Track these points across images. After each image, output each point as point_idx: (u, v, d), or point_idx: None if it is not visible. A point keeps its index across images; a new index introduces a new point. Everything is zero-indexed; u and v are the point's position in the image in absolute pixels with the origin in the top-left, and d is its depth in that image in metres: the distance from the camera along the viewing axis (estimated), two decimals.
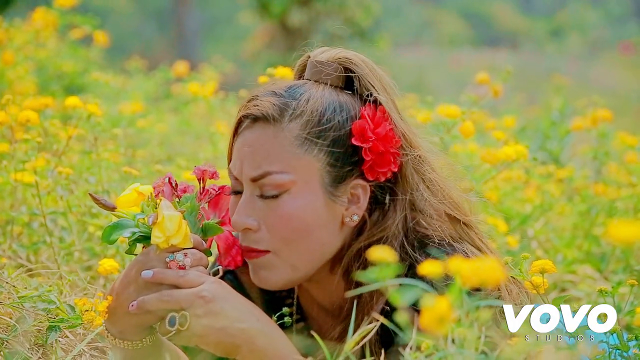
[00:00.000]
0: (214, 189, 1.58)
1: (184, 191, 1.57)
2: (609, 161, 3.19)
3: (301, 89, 1.57)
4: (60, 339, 1.67)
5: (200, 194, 1.57)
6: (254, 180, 1.53)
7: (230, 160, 1.60)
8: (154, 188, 1.55)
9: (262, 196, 1.53)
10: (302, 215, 1.52)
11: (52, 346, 1.64)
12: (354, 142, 1.54)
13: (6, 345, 1.61)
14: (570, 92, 4.88)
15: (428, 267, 1.11)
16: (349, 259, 1.57)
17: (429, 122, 2.52)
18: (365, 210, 1.57)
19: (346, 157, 1.54)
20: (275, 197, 1.52)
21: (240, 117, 1.57)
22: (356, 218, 1.56)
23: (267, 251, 1.54)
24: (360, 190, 1.56)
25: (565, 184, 3.12)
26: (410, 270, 1.52)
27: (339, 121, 1.54)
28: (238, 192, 1.57)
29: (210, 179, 1.58)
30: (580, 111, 3.58)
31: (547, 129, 3.72)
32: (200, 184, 1.58)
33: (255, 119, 1.54)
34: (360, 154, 1.54)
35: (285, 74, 2.12)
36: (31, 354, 1.62)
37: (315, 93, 1.56)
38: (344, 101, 1.56)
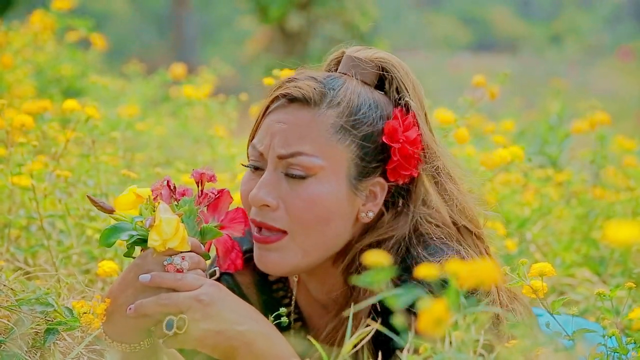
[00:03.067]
0: (213, 193, 1.58)
1: (183, 194, 1.57)
2: (607, 165, 3.19)
3: (339, 81, 1.58)
4: (58, 342, 1.67)
5: (199, 197, 1.57)
6: (282, 157, 1.53)
7: (253, 137, 1.60)
8: (152, 191, 1.55)
9: (288, 175, 1.54)
10: (325, 201, 1.53)
11: (50, 349, 1.63)
12: (384, 140, 1.56)
13: (4, 347, 1.60)
14: (569, 97, 4.89)
15: (424, 270, 1.11)
16: (354, 254, 1.58)
17: None
18: (379, 209, 1.58)
19: (375, 153, 1.56)
20: (301, 178, 1.53)
21: (277, 95, 1.57)
22: (371, 215, 1.58)
23: (282, 230, 1.54)
24: (378, 188, 1.58)
25: (563, 187, 3.11)
26: (410, 275, 1.52)
27: (373, 117, 1.56)
28: (257, 168, 1.58)
29: (208, 182, 1.58)
30: (579, 115, 3.58)
31: (545, 133, 3.72)
32: (198, 187, 1.58)
33: (293, 100, 1.56)
34: (387, 153, 1.57)
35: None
36: (29, 356, 1.61)
37: (353, 87, 1.58)
38: (378, 100, 1.59)
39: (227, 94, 3.45)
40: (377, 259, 1.10)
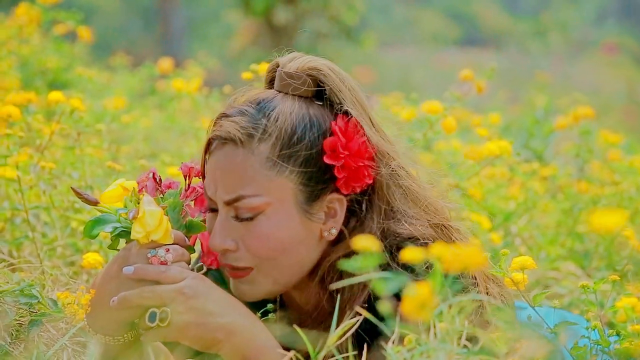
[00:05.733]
0: (200, 187, 1.58)
1: (168, 187, 1.57)
2: (592, 159, 3.21)
3: (271, 104, 1.54)
4: (42, 334, 1.66)
5: (186, 190, 1.57)
6: (228, 203, 1.52)
7: (204, 177, 1.58)
8: (137, 183, 1.55)
9: (238, 218, 1.53)
10: (278, 235, 1.52)
11: (34, 340, 1.63)
12: (325, 160, 1.52)
13: None
14: (554, 92, 4.91)
15: (409, 255, 1.11)
16: (324, 270, 1.57)
17: (414, 119, 2.53)
18: (342, 222, 1.57)
19: (319, 174, 1.53)
20: (250, 219, 1.52)
21: (210, 138, 1.55)
22: (334, 232, 1.56)
23: (250, 267, 1.54)
24: (336, 204, 1.55)
25: (548, 181, 3.13)
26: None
27: (309, 139, 1.52)
28: (214, 210, 1.57)
29: (196, 177, 1.58)
30: (564, 109, 3.59)
31: (531, 127, 3.73)
32: (186, 180, 1.58)
33: (225, 141, 1.53)
34: (333, 171, 1.53)
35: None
36: (12, 348, 1.61)
37: (285, 109, 1.53)
38: (314, 115, 1.54)
39: (215, 88, 3.44)
40: (366, 245, 1.10)
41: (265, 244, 1.52)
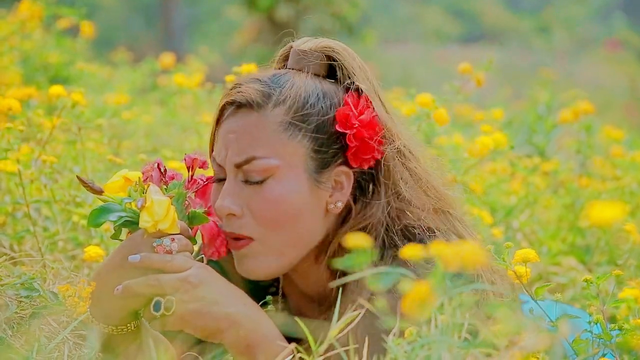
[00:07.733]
0: (202, 179, 1.58)
1: (172, 178, 1.57)
2: (593, 155, 3.21)
3: (285, 77, 1.57)
4: (43, 326, 1.66)
5: (188, 182, 1.57)
6: (239, 165, 1.53)
7: (212, 148, 1.60)
8: (142, 173, 1.54)
9: (247, 182, 1.54)
10: (287, 199, 1.53)
11: (35, 333, 1.63)
12: (338, 128, 1.55)
13: None
14: (557, 88, 4.91)
15: (409, 252, 1.11)
16: (334, 248, 1.57)
17: (413, 114, 2.52)
18: (349, 197, 1.57)
19: (330, 143, 1.55)
20: (259, 182, 1.53)
21: (224, 104, 1.57)
22: (340, 205, 1.57)
23: (250, 238, 1.54)
24: (343, 177, 1.57)
25: (550, 176, 3.13)
26: (393, 259, 1.53)
27: (322, 107, 1.55)
28: (221, 180, 1.57)
29: (200, 168, 1.59)
30: (566, 105, 3.59)
31: (533, 123, 3.73)
32: (189, 172, 1.58)
33: (239, 106, 1.55)
34: (344, 141, 1.55)
35: (251, 70, 2.14)
36: (13, 340, 1.61)
37: (299, 81, 1.57)
38: (327, 89, 1.58)
39: (216, 83, 3.44)
40: (359, 242, 1.09)
41: (272, 208, 1.53)
